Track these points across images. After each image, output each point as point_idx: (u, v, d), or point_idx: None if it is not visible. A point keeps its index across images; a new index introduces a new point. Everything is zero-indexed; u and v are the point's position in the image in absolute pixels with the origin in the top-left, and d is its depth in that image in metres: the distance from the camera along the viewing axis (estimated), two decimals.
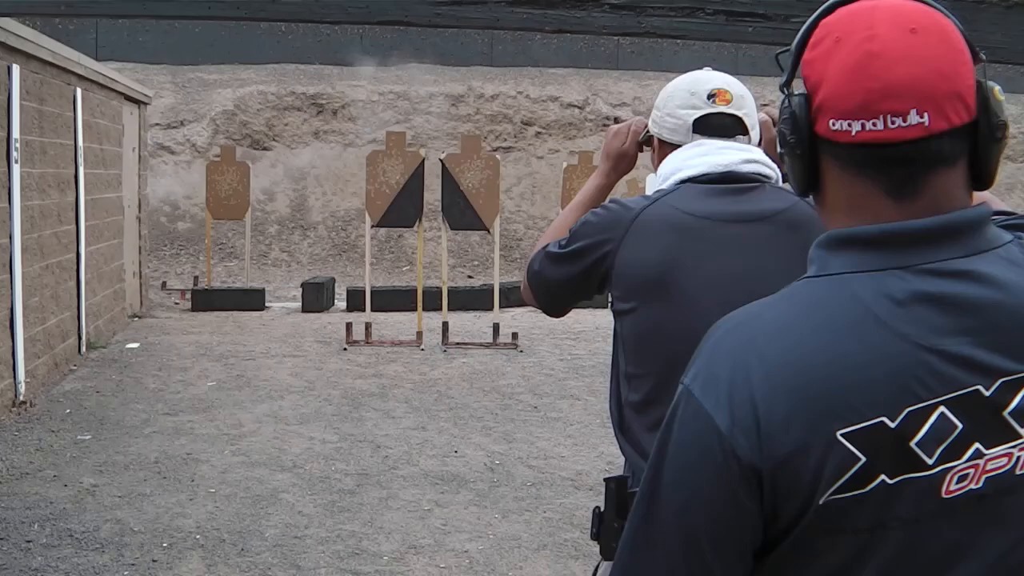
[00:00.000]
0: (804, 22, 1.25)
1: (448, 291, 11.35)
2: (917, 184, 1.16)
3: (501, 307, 11.57)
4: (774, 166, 2.17)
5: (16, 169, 7.39)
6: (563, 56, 21.32)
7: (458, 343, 10.72)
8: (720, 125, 2.17)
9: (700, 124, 2.17)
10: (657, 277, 2.06)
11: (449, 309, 11.23)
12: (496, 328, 10.75)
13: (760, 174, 2.15)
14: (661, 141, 2.27)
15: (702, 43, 18.69)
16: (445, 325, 10.77)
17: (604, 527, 2.03)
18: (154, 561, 4.77)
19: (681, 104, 2.20)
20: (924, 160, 1.15)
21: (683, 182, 2.14)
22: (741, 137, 2.18)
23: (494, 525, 5.40)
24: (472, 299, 13.41)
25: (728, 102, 2.18)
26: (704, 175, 2.12)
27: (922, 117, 1.13)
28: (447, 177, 10.79)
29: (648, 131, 2.34)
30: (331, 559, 4.86)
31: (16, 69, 7.38)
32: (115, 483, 5.90)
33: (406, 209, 10.73)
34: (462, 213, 10.83)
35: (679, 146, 2.20)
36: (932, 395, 1.10)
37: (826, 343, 1.13)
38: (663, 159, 2.24)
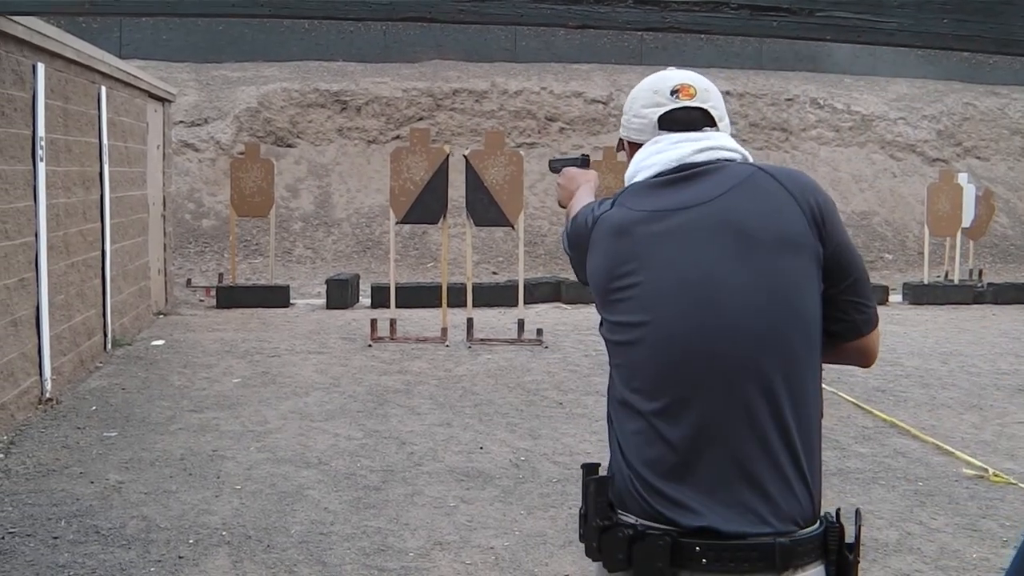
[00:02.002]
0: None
1: (473, 287, 11.35)
2: None
3: (526, 303, 11.56)
4: (738, 146, 2.14)
5: (41, 167, 7.43)
6: (587, 52, 21.30)
7: (483, 339, 10.72)
8: (686, 120, 2.14)
9: (665, 120, 2.15)
10: (608, 281, 2.07)
11: (474, 305, 11.22)
12: (521, 324, 10.74)
13: (719, 159, 2.10)
14: (631, 143, 2.25)
15: (726, 38, 18.60)
16: (470, 321, 10.77)
17: (587, 528, 1.99)
18: (180, 558, 4.78)
19: (645, 103, 2.19)
20: None
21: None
22: (709, 129, 2.15)
23: (520, 521, 5.39)
24: (497, 295, 13.42)
25: (692, 96, 2.15)
26: (658, 174, 2.10)
27: None
28: (471, 173, 10.79)
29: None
30: (357, 555, 4.86)
31: (41, 68, 7.42)
32: (141, 480, 5.92)
33: (430, 205, 10.74)
34: (486, 209, 10.81)
35: None
36: None
37: None
38: None
